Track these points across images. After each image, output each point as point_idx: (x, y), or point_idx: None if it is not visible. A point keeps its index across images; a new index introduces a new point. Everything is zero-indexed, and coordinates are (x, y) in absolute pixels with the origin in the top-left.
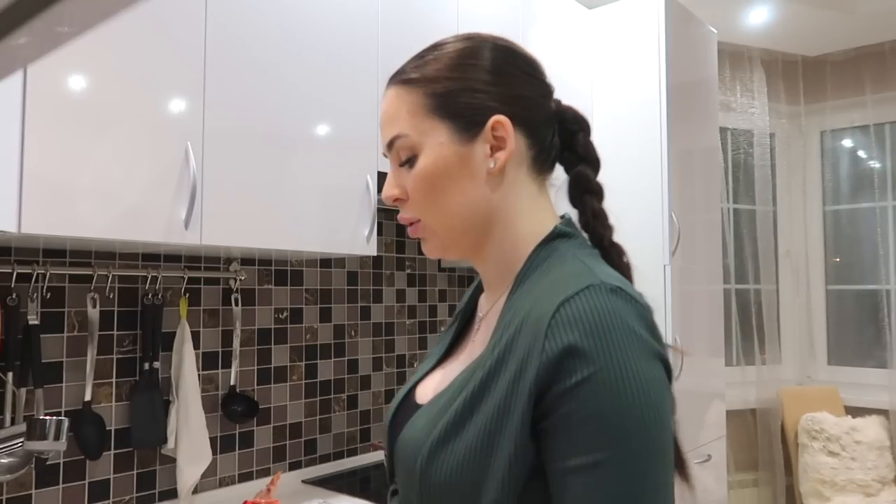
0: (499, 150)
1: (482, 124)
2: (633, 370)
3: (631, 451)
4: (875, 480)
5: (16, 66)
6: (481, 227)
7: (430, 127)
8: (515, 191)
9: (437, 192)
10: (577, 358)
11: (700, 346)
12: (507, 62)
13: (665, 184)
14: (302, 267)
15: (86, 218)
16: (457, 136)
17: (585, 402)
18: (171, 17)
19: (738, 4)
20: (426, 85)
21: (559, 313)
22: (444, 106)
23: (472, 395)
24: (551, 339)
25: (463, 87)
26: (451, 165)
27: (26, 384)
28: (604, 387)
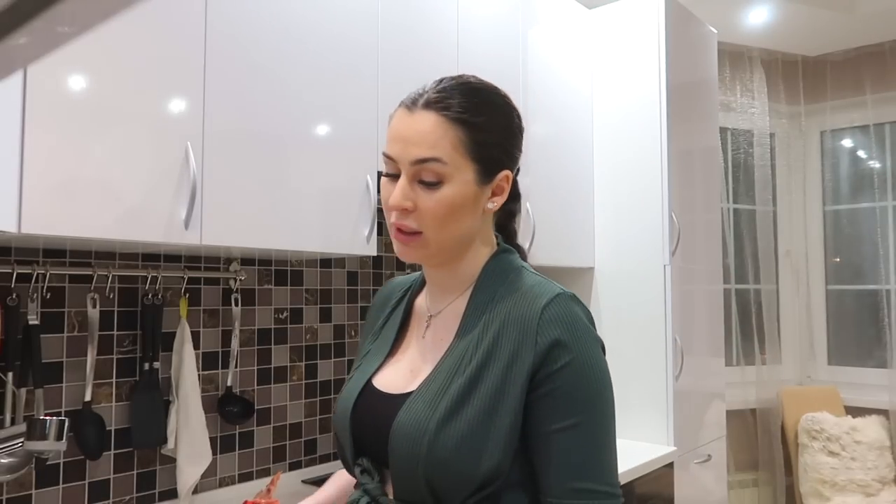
0: (497, 195)
1: (496, 174)
2: (595, 358)
3: (597, 414)
4: (875, 480)
5: (16, 66)
6: (465, 245)
7: (464, 165)
8: (488, 223)
9: (451, 219)
10: (560, 349)
11: (700, 346)
12: (519, 129)
13: (665, 184)
14: (302, 267)
15: (86, 218)
16: (478, 178)
17: (566, 381)
18: (171, 18)
19: (738, 4)
20: (472, 130)
21: (544, 315)
22: (479, 152)
23: (469, 379)
24: (541, 334)
25: (497, 142)
26: (468, 201)
27: (26, 384)
28: (579, 369)
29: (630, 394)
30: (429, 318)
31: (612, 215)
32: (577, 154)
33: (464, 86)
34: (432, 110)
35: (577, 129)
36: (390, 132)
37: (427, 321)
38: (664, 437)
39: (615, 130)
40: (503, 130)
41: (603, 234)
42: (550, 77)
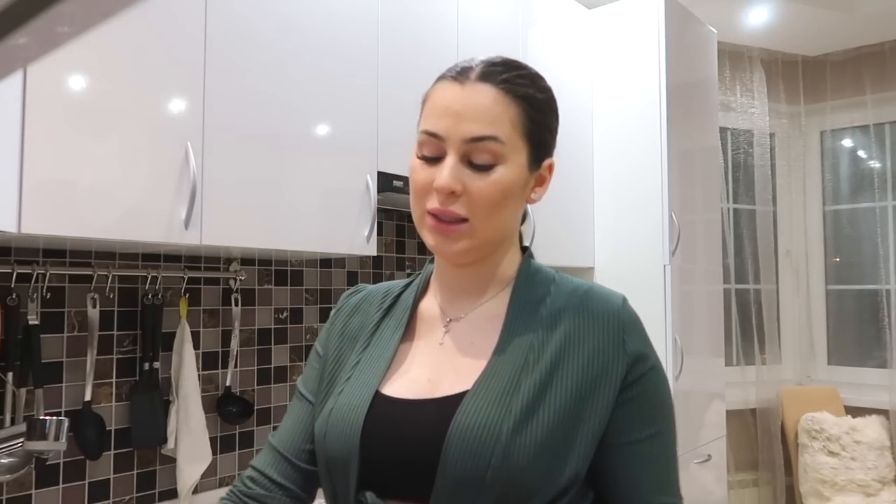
0: (539, 185)
1: (542, 161)
2: (662, 366)
3: (672, 423)
4: (875, 480)
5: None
6: (503, 241)
7: (521, 146)
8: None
9: (504, 205)
10: (644, 355)
11: (700, 346)
12: (557, 113)
13: (665, 184)
14: (302, 267)
15: (86, 218)
16: (530, 164)
17: (649, 387)
18: (171, 18)
19: (738, 4)
20: (531, 108)
21: (624, 318)
22: (535, 134)
23: (543, 377)
24: (629, 341)
25: (548, 125)
26: (519, 186)
27: (26, 384)
28: (659, 377)
29: None
30: (447, 322)
31: (612, 215)
32: (577, 154)
33: (516, 62)
34: (490, 83)
35: (577, 129)
36: (433, 107)
37: (445, 326)
38: None
39: (615, 130)
40: (554, 114)
41: (603, 235)
42: (550, 77)
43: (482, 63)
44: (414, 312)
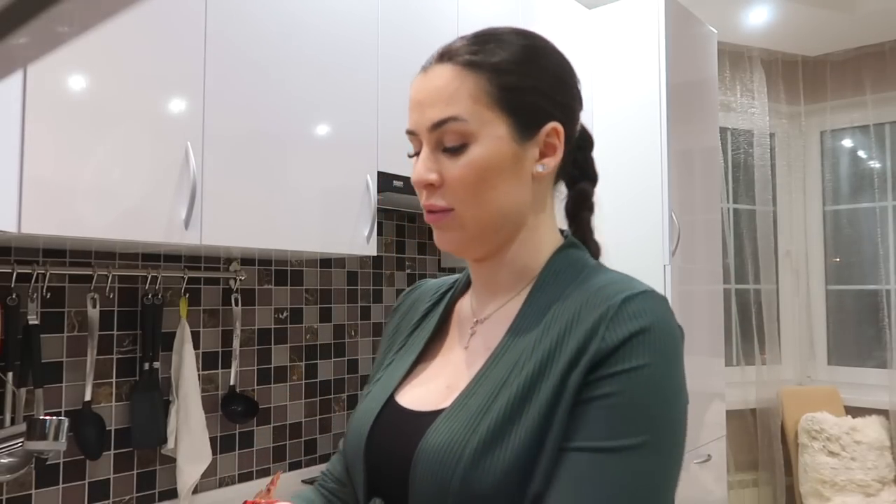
0: (546, 156)
1: (539, 127)
2: (676, 376)
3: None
4: (875, 480)
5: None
6: (511, 229)
7: (492, 118)
8: (544, 198)
9: (485, 186)
10: (633, 348)
11: (700, 346)
12: (565, 70)
13: (665, 184)
14: (302, 267)
15: (86, 218)
16: (515, 134)
17: (628, 388)
18: (171, 18)
19: (738, 4)
20: (494, 73)
21: (623, 308)
22: (509, 100)
23: (518, 395)
24: (612, 329)
25: (530, 85)
26: (505, 162)
27: (26, 384)
28: (650, 380)
29: None
30: (474, 323)
31: (612, 215)
32: None
33: (488, 30)
34: (447, 62)
35: None
36: (409, 104)
37: (472, 328)
38: None
39: (615, 130)
40: (541, 71)
41: (603, 234)
42: None
43: (449, 43)
44: (450, 312)
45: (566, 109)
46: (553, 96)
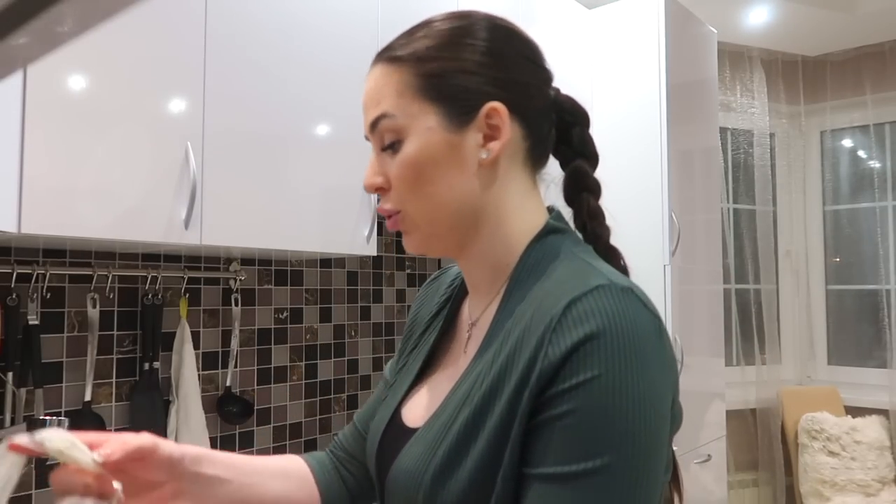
0: (492, 139)
1: (475, 110)
2: (636, 378)
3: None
4: (875, 480)
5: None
6: (469, 222)
7: (419, 110)
8: (507, 185)
9: (423, 181)
10: (580, 360)
11: (700, 346)
12: (504, 43)
13: (665, 184)
14: (302, 267)
15: (86, 218)
16: (447, 122)
17: (579, 406)
18: (171, 18)
19: (738, 4)
20: (416, 63)
21: (565, 316)
22: (435, 87)
23: (473, 415)
24: (555, 343)
25: (456, 67)
26: (440, 153)
27: (26, 384)
28: (604, 392)
29: None
30: (470, 326)
31: (611, 215)
32: None
33: (422, 22)
34: (377, 62)
35: None
36: None
37: (469, 331)
38: None
39: (615, 130)
40: (469, 51)
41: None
42: None
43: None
44: (458, 310)
45: (510, 85)
46: (487, 74)
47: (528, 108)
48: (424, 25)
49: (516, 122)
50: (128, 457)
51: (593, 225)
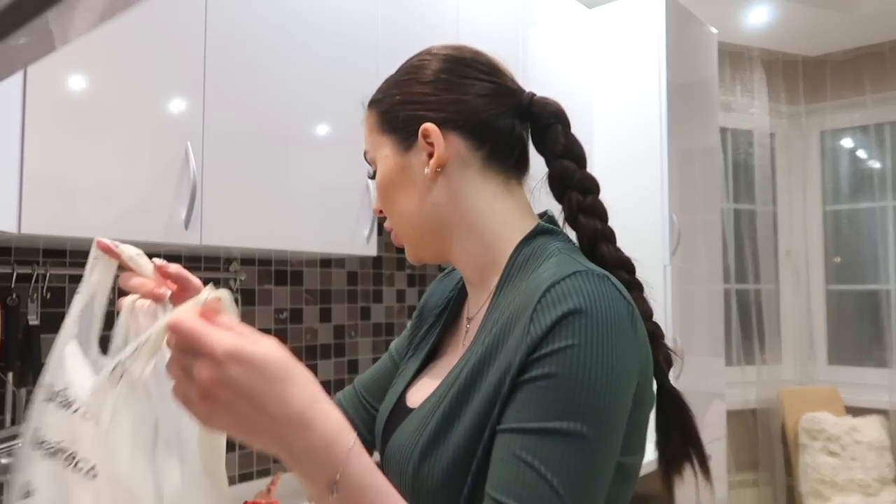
0: (433, 156)
1: (415, 134)
2: (608, 356)
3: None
4: (875, 480)
5: (16, 66)
6: (436, 230)
7: (380, 143)
8: (467, 193)
9: (389, 200)
10: (560, 331)
11: (700, 346)
12: (445, 70)
13: (665, 184)
14: (302, 267)
15: (86, 218)
16: (397, 148)
17: (554, 370)
18: (171, 18)
19: (738, 4)
20: (377, 104)
21: (546, 296)
22: (386, 121)
23: (458, 395)
24: (537, 321)
25: (400, 101)
26: (395, 175)
27: (26, 384)
28: (578, 361)
29: None
30: (468, 321)
31: (611, 215)
32: None
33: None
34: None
35: (576, 128)
36: None
37: (467, 325)
38: None
39: (615, 130)
40: (411, 84)
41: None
42: (550, 77)
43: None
44: (460, 308)
45: (448, 105)
46: (424, 101)
47: (473, 122)
48: (393, 75)
49: (458, 137)
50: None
51: (582, 219)
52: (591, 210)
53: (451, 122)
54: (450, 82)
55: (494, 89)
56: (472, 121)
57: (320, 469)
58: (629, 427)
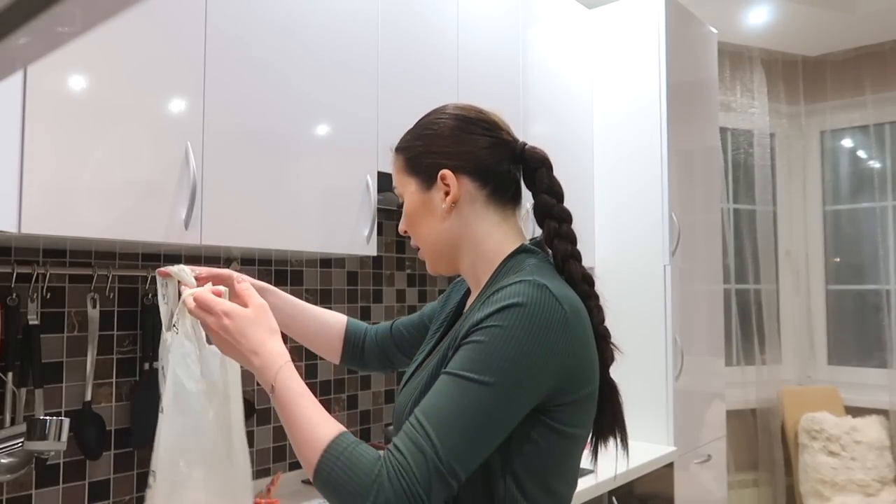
0: (448, 194)
1: (435, 177)
2: (530, 340)
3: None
4: (875, 480)
5: (16, 66)
6: (450, 250)
7: (407, 181)
8: (474, 222)
9: (414, 226)
10: (497, 314)
11: (700, 346)
12: (457, 127)
13: (665, 184)
14: (302, 267)
15: (86, 218)
16: (421, 187)
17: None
18: (171, 18)
19: (738, 4)
20: (403, 151)
21: (496, 294)
22: (412, 166)
23: (437, 363)
24: (484, 308)
25: (423, 151)
26: (418, 208)
27: (26, 384)
28: (503, 338)
29: (630, 394)
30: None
31: (612, 215)
32: (577, 154)
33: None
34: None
35: (577, 129)
36: None
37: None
38: (664, 437)
39: (615, 130)
40: (430, 138)
41: (603, 234)
42: (550, 77)
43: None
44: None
45: (460, 155)
46: (443, 150)
47: (479, 168)
48: (413, 127)
49: (468, 179)
50: (212, 277)
51: (556, 242)
52: (564, 235)
53: (462, 168)
54: (461, 137)
55: (495, 142)
56: (479, 167)
57: (264, 377)
58: (570, 404)
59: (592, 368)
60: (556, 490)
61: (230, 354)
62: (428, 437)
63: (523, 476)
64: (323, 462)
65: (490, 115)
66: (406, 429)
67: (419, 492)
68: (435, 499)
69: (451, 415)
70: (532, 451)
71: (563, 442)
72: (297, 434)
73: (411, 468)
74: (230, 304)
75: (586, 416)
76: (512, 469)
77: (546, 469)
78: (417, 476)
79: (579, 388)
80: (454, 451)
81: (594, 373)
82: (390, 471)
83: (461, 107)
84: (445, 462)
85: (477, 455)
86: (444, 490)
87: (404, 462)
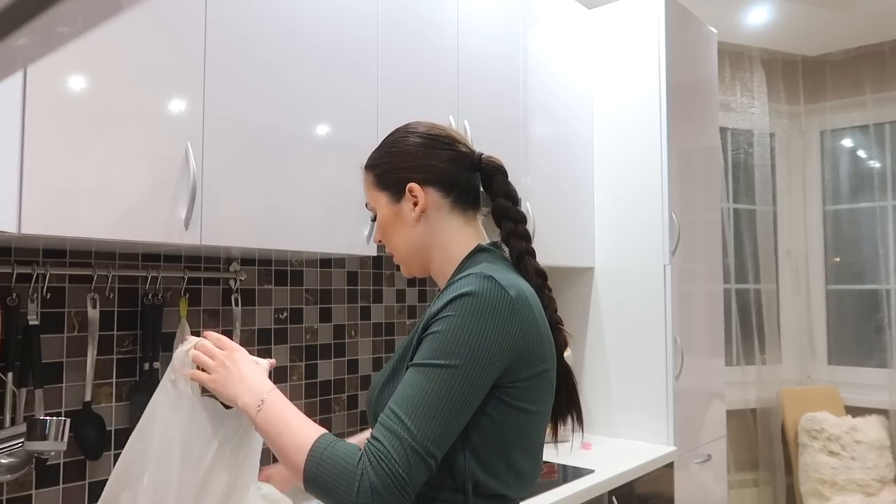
0: (416, 204)
1: (403, 189)
2: (480, 327)
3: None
4: (875, 480)
5: (16, 66)
6: (421, 254)
7: (378, 196)
8: (441, 227)
9: (388, 236)
10: (451, 305)
11: (700, 345)
12: (420, 143)
13: (665, 184)
14: (302, 267)
15: (86, 218)
16: (391, 200)
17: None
18: (170, 17)
19: (738, 4)
20: (373, 168)
21: (449, 287)
22: (381, 182)
23: (401, 353)
24: (439, 301)
25: (391, 167)
26: (390, 219)
27: (26, 384)
28: (456, 327)
29: (630, 394)
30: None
31: (612, 215)
32: (577, 154)
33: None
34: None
35: (577, 128)
36: None
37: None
38: (664, 437)
39: (615, 130)
40: (397, 155)
41: (603, 234)
42: (550, 77)
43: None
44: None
45: (423, 168)
46: (409, 165)
47: (442, 179)
48: (380, 145)
49: (433, 189)
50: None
51: (512, 240)
52: (520, 235)
53: (427, 180)
54: (425, 153)
55: (455, 155)
56: (442, 178)
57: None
58: (523, 380)
59: (543, 349)
60: (516, 462)
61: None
62: (402, 422)
63: (482, 449)
64: (309, 463)
65: (448, 131)
66: (382, 420)
67: (400, 473)
68: (415, 478)
69: (420, 400)
70: (488, 426)
71: (520, 416)
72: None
73: (390, 453)
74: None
75: (540, 394)
76: (471, 443)
77: (503, 443)
78: (397, 459)
79: (530, 366)
80: (428, 432)
81: (545, 353)
82: (371, 458)
83: (422, 124)
84: (421, 443)
85: (449, 433)
86: (423, 469)
87: (383, 448)
